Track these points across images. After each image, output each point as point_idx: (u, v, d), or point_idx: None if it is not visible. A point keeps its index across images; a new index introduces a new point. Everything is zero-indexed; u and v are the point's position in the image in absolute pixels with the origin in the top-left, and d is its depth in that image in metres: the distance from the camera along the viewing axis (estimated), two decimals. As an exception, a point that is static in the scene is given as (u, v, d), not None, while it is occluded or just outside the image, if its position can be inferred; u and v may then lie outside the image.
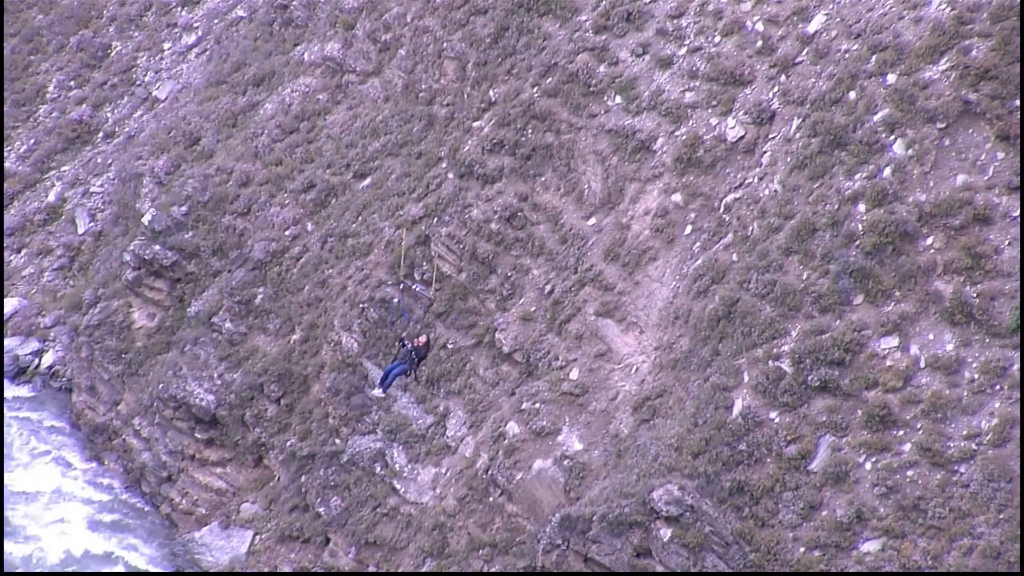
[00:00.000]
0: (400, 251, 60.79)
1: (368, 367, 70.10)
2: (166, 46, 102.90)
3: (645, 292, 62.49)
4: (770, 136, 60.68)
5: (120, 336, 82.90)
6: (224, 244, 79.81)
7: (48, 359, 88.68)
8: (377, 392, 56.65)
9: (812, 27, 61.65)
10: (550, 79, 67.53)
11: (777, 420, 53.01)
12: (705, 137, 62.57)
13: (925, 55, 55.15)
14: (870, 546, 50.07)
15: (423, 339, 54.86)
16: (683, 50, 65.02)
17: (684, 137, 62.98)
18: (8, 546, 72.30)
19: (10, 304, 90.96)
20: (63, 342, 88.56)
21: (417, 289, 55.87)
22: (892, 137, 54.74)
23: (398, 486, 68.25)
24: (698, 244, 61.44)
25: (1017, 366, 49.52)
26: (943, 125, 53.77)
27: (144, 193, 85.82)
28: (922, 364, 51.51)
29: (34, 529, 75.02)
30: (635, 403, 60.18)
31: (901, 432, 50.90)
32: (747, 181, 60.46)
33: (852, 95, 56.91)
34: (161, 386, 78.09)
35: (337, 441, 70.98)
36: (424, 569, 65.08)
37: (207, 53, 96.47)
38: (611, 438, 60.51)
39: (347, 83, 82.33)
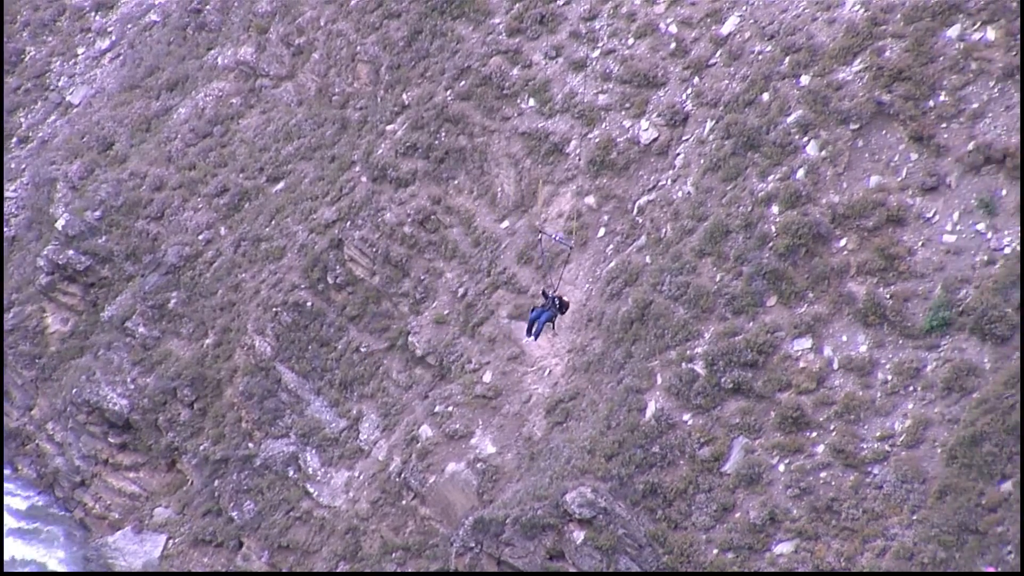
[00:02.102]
0: (539, 194, 59.29)
1: (281, 371, 68.90)
2: (80, 51, 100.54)
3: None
4: (683, 138, 60.08)
5: (34, 341, 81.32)
6: (138, 249, 78.26)
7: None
8: (529, 339, 55.13)
9: (725, 29, 61.20)
10: (463, 82, 66.71)
11: (690, 422, 52.26)
12: (618, 139, 61.95)
13: (838, 56, 54.66)
14: (783, 548, 49.13)
15: (567, 298, 53.39)
16: (596, 52, 64.34)
17: (597, 139, 62.31)
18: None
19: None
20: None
21: (557, 238, 54.35)
22: (805, 138, 54.22)
23: (311, 490, 67.21)
24: (611, 246, 60.76)
25: (930, 366, 48.72)
26: (856, 126, 53.27)
27: (58, 198, 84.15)
28: (835, 365, 50.90)
29: (-54, 536, 72.72)
30: (548, 406, 59.46)
31: (814, 434, 50.16)
32: (660, 183, 59.82)
33: (765, 97, 56.39)
34: (75, 391, 76.58)
35: (250, 445, 69.86)
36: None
37: (121, 58, 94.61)
38: (524, 441, 59.77)
39: (260, 87, 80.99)
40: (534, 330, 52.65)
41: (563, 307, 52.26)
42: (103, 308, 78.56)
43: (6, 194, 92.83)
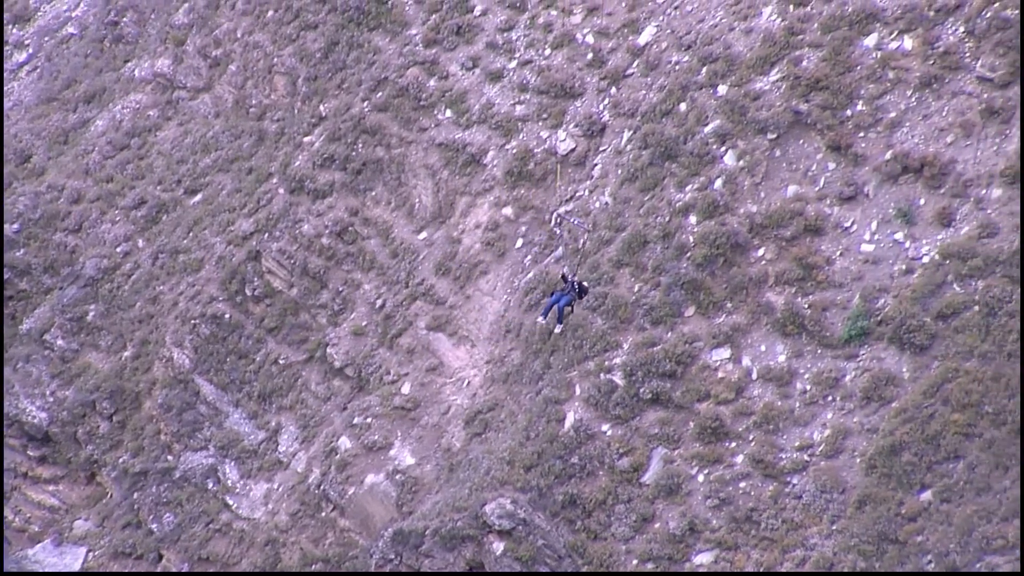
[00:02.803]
0: (556, 180, 58.36)
1: (200, 383, 67.50)
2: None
3: (476, 306, 60.85)
4: (601, 149, 59.45)
5: (-48, 354, 78.19)
6: (56, 261, 76.09)
7: None
8: (542, 321, 54.04)
9: (642, 39, 60.57)
10: (380, 93, 65.58)
11: (609, 433, 51.42)
12: (536, 150, 61.13)
13: (756, 66, 54.13)
14: (703, 558, 48.38)
15: (587, 284, 52.52)
16: (513, 63, 63.59)
17: (515, 150, 61.43)
18: None
19: None
20: None
21: (574, 222, 53.15)
22: (723, 148, 53.61)
23: (231, 502, 65.82)
24: (529, 257, 60.04)
25: (849, 376, 48.16)
26: (774, 136, 52.70)
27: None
28: (754, 375, 50.34)
29: None
30: (467, 417, 58.55)
31: (733, 444, 49.56)
32: (578, 194, 59.09)
33: (683, 107, 55.76)
34: (-7, 404, 73.96)
35: (169, 457, 68.31)
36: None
37: (38, 71, 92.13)
38: (443, 452, 58.88)
39: (178, 99, 79.07)
40: (551, 314, 52.09)
41: (583, 292, 51.62)
42: (21, 321, 76.19)
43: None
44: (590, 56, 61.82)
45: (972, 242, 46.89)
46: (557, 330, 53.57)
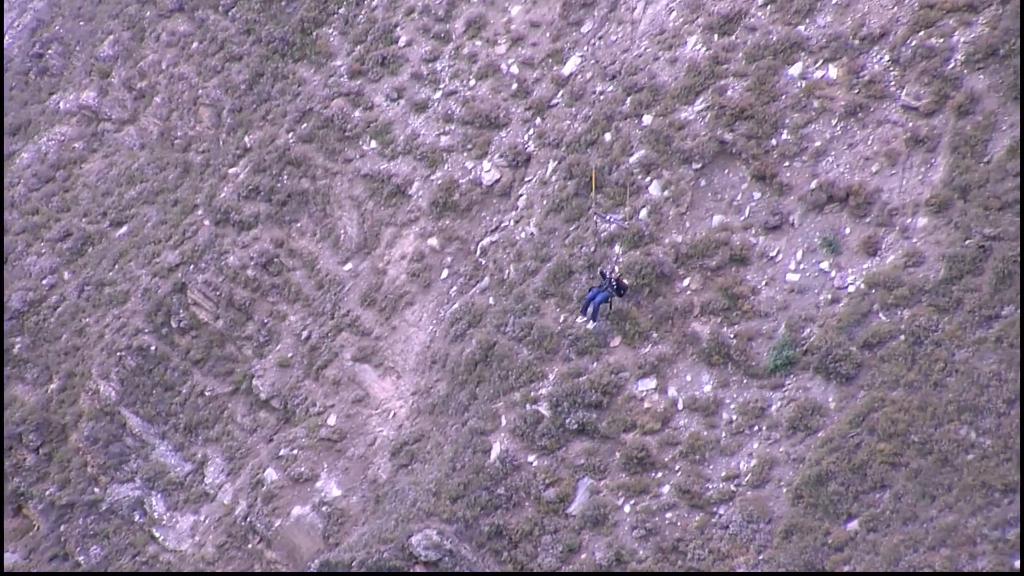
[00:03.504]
0: (592, 180, 55.94)
1: (126, 415, 66.00)
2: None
3: (402, 337, 60.03)
4: (526, 179, 58.94)
5: None
6: (-19, 294, 73.97)
7: None
8: (581, 319, 52.30)
9: (567, 69, 60.33)
10: (305, 125, 64.84)
11: (535, 463, 50.27)
12: (461, 181, 60.54)
13: (681, 96, 53.52)
14: None
15: (627, 281, 50.98)
16: (438, 94, 63.09)
17: (440, 181, 60.83)
18: None
19: None
20: None
21: (610, 219, 51.75)
22: (648, 178, 52.94)
23: (157, 534, 64.53)
24: (454, 288, 59.36)
25: (775, 406, 47.27)
26: (699, 165, 52.03)
27: (-99, 245, 79.67)
28: (680, 406, 49.34)
29: None
30: (393, 448, 57.69)
31: (660, 474, 48.41)
32: (503, 224, 58.70)
33: (608, 137, 55.11)
34: (-81, 437, 72.13)
35: (96, 490, 66.79)
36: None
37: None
38: (369, 483, 58.04)
39: (103, 131, 77.71)
40: (589, 311, 50.54)
41: (621, 289, 50.17)
42: (-54, 353, 74.32)
43: None
44: (515, 87, 61.49)
45: (898, 271, 46.32)
46: (590, 326, 51.90)
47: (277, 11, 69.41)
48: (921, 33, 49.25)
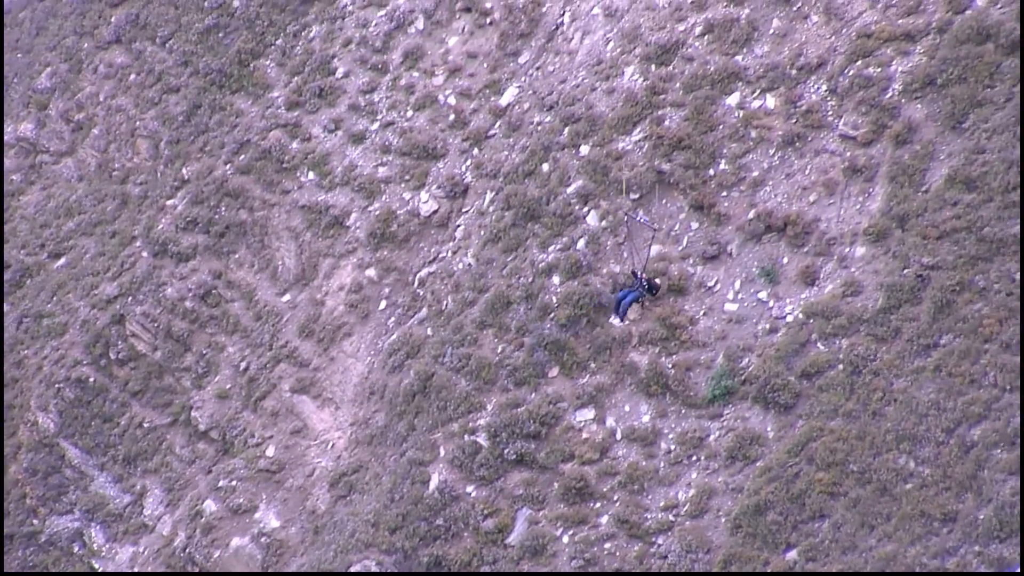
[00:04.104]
0: (623, 184, 54.75)
1: (65, 447, 64.65)
2: None
3: (340, 368, 58.99)
4: (464, 210, 58.16)
5: None
6: (-80, 326, 72.49)
7: None
8: (615, 320, 51.02)
9: (504, 100, 59.64)
10: (243, 156, 63.78)
11: (474, 494, 49.37)
12: (399, 212, 59.67)
13: (618, 126, 53.00)
14: None
15: (659, 280, 50.13)
16: (376, 125, 62.15)
17: (378, 212, 59.92)
18: None
19: None
20: None
21: (641, 220, 50.90)
22: (586, 209, 52.39)
23: (97, 566, 63.08)
24: (393, 319, 58.39)
25: (714, 436, 46.81)
26: (637, 196, 51.61)
27: None
28: (619, 436, 48.58)
29: None
30: (332, 479, 56.61)
31: (598, 504, 47.55)
32: (441, 255, 57.87)
33: (545, 167, 54.45)
34: None
35: (35, 521, 65.23)
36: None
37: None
38: (308, 515, 57.02)
39: (41, 163, 76.09)
40: (620, 310, 49.53)
41: (652, 288, 49.16)
42: None
43: None
44: (452, 117, 60.68)
45: (836, 300, 45.90)
46: (618, 324, 50.82)
47: (214, 43, 68.29)
48: (859, 63, 49.14)
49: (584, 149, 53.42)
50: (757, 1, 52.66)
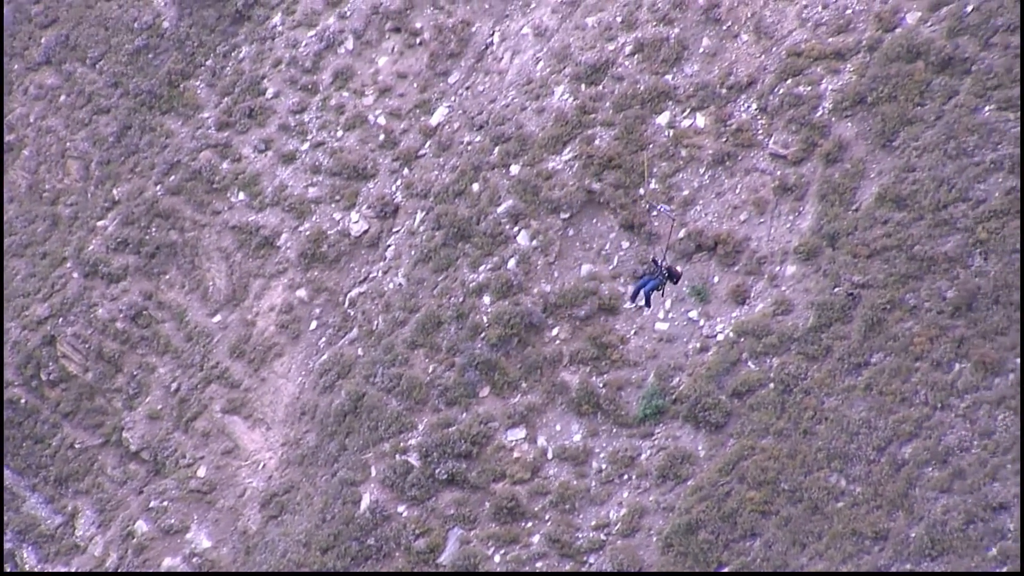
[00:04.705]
0: (644, 168, 53.65)
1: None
2: None
3: (271, 388, 57.88)
4: (394, 230, 57.33)
5: None
6: None
7: None
8: (630, 305, 50.03)
9: (434, 120, 58.80)
10: (174, 177, 62.42)
11: (406, 514, 48.83)
12: (329, 232, 58.61)
13: (548, 145, 52.64)
14: None
15: (679, 268, 47.88)
16: (306, 145, 60.94)
17: (308, 232, 58.91)
18: None
19: None
20: None
21: (662, 209, 49.77)
22: (516, 228, 52.06)
23: None
24: (323, 339, 57.34)
25: (645, 455, 46.54)
26: (567, 215, 51.33)
27: None
28: (550, 455, 48.46)
29: None
30: (263, 499, 55.70)
31: (530, 524, 47.45)
32: (372, 275, 56.97)
33: (476, 187, 53.98)
34: None
35: None
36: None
37: None
38: (240, 535, 55.91)
39: None
40: (639, 297, 47.57)
41: (673, 276, 47.03)
42: None
43: None
44: (382, 137, 59.75)
45: (767, 319, 45.85)
46: (632, 305, 49.70)
47: (144, 64, 66.88)
48: (789, 81, 49.23)
49: (514, 168, 53.04)
50: (687, 20, 52.55)
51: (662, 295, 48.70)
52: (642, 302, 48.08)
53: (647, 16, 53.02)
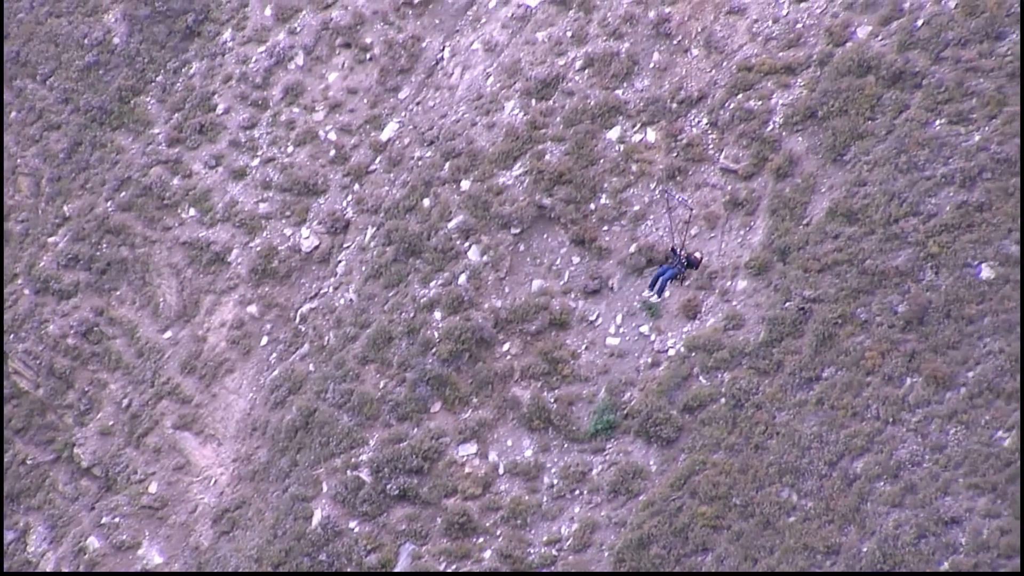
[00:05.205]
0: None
1: None
2: None
3: (223, 404, 56.85)
4: (345, 245, 56.48)
5: None
6: None
7: None
8: (647, 294, 48.24)
9: (385, 135, 57.87)
10: (124, 193, 61.23)
11: (357, 529, 48.27)
12: (280, 247, 57.75)
13: (499, 160, 52.05)
14: None
15: (698, 255, 46.41)
16: (256, 161, 59.90)
17: (259, 248, 57.96)
18: None
19: None
20: None
21: (679, 199, 49.10)
22: (467, 243, 51.43)
23: None
24: (275, 355, 56.46)
25: (597, 470, 46.09)
26: (518, 230, 50.82)
27: None
28: (501, 470, 47.93)
29: None
30: (215, 515, 54.84)
31: (482, 539, 46.87)
32: (323, 291, 56.14)
33: (427, 202, 53.36)
34: None
35: None
36: None
37: None
38: (192, 551, 55.12)
39: None
40: (658, 286, 46.09)
41: (692, 263, 45.81)
42: None
43: None
44: (333, 153, 58.75)
45: (718, 334, 45.48)
46: (657, 300, 48.09)
47: (95, 80, 65.51)
48: (739, 96, 48.88)
49: (465, 184, 52.42)
50: (637, 35, 52.11)
51: (683, 284, 47.79)
52: (664, 292, 46.86)
53: (597, 31, 52.52)
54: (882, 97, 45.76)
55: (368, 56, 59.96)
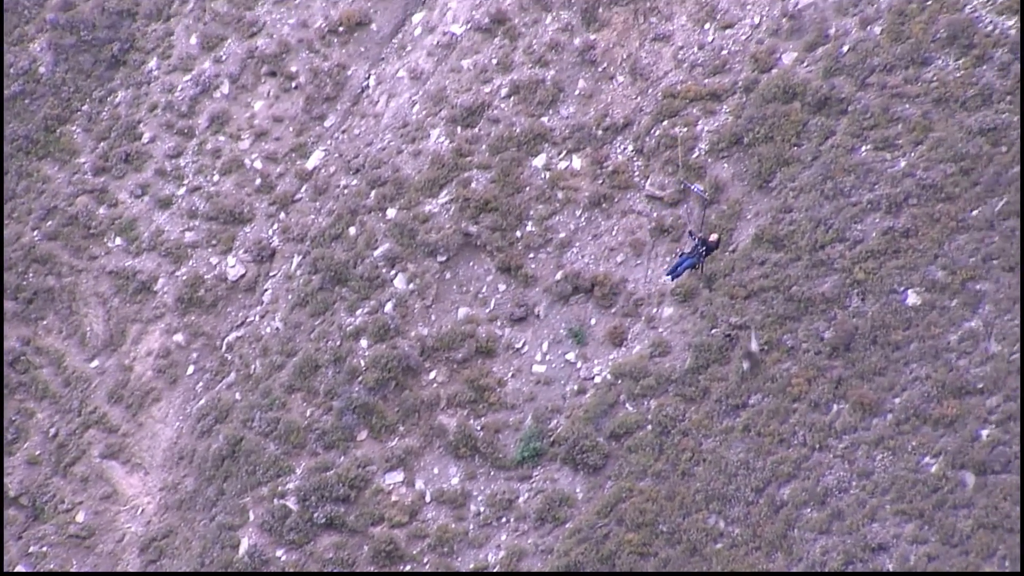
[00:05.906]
0: (680, 152, 50.61)
1: None
2: None
3: (149, 433, 55.15)
4: (271, 274, 55.19)
5: None
6: None
7: None
8: (667, 279, 46.78)
9: (311, 163, 56.54)
10: (51, 222, 59.38)
11: (284, 558, 47.17)
12: (206, 276, 56.17)
13: (425, 188, 51.01)
14: None
15: (715, 236, 44.82)
16: (182, 190, 58.25)
17: (185, 277, 56.38)
18: None
19: None
20: None
21: (695, 189, 46.53)
22: (394, 272, 50.38)
23: None
24: (201, 384, 54.93)
25: (523, 497, 45.36)
26: (444, 258, 49.84)
27: None
28: (428, 498, 47.00)
29: None
30: (142, 544, 53.18)
31: (409, 567, 46.07)
32: (249, 319, 54.74)
33: (352, 230, 52.13)
34: None
35: None
36: None
37: None
38: None
39: None
40: (677, 272, 44.74)
41: (709, 246, 44.01)
42: None
43: None
44: (259, 181, 57.36)
45: (644, 361, 44.66)
46: (672, 283, 46.86)
47: (21, 109, 63.59)
48: (665, 122, 48.19)
49: (391, 212, 51.42)
50: (562, 62, 51.30)
51: (699, 272, 46.23)
52: (680, 277, 45.66)
53: (523, 58, 51.71)
54: (808, 123, 45.26)
55: (294, 84, 58.79)
